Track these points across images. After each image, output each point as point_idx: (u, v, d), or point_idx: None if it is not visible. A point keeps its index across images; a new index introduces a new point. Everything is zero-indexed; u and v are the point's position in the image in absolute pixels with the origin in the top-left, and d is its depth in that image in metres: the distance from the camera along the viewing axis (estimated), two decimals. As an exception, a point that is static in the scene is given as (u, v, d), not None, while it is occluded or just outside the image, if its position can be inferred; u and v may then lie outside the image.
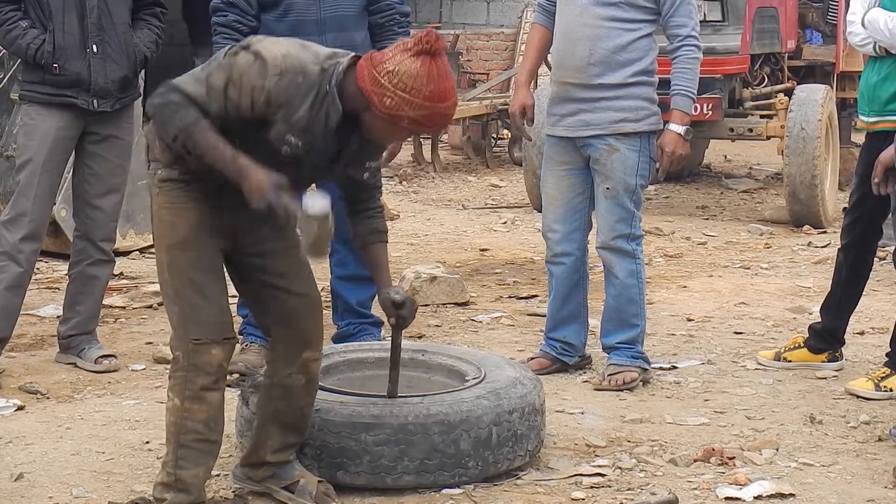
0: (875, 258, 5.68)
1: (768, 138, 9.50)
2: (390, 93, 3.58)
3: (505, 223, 9.38)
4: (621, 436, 4.75)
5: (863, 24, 5.40)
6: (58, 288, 6.79)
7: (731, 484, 4.26)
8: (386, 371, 4.23)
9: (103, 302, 5.82)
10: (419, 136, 11.70)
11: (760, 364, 5.72)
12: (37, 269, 6.41)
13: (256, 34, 5.32)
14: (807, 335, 5.72)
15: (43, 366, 5.56)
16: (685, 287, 7.32)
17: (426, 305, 6.67)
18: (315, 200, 3.56)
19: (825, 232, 8.95)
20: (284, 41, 3.74)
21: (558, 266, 5.51)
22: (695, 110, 6.26)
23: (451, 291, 6.82)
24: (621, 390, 5.29)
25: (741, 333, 6.28)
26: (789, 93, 9.56)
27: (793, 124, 8.99)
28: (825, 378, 5.53)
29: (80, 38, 5.36)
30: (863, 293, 5.68)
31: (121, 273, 7.15)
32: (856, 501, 4.19)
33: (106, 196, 5.53)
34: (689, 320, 6.53)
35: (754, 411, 5.07)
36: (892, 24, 5.26)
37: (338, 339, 5.66)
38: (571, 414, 4.99)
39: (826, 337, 5.67)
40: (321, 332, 4.05)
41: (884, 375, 5.28)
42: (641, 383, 5.37)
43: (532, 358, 5.57)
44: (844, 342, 5.74)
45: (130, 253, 7.72)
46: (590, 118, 5.30)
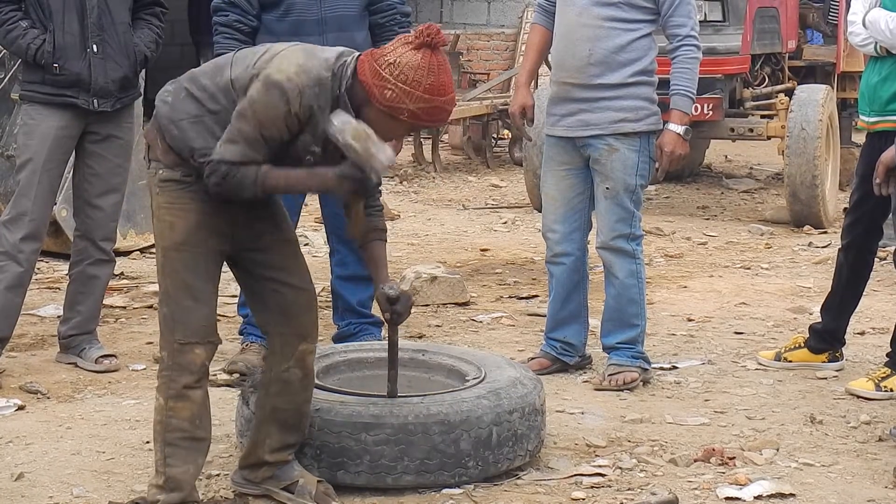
0: (875, 258, 5.68)
1: (769, 138, 9.50)
2: (391, 84, 3.60)
3: (505, 223, 9.38)
4: (621, 436, 4.75)
5: (864, 25, 5.40)
6: (58, 288, 6.79)
7: (732, 484, 4.27)
8: (386, 370, 4.23)
9: (104, 302, 5.82)
10: (419, 136, 11.69)
11: (761, 364, 5.72)
12: (37, 269, 6.41)
13: (257, 34, 5.36)
14: (807, 335, 5.72)
15: (43, 366, 5.56)
16: (685, 287, 7.32)
17: (426, 305, 6.67)
18: (338, 119, 3.65)
19: (826, 232, 8.95)
20: (288, 52, 3.73)
21: (558, 266, 5.51)
22: (695, 110, 6.28)
23: (452, 291, 6.82)
24: (622, 390, 5.29)
25: (742, 333, 6.28)
26: (790, 93, 9.55)
27: (793, 124, 8.98)
28: (825, 378, 5.53)
29: (81, 38, 5.36)
30: (863, 293, 5.68)
31: (121, 273, 7.15)
32: (856, 501, 4.19)
33: (106, 196, 5.53)
34: (690, 320, 6.53)
35: (755, 411, 5.07)
36: (893, 24, 5.26)
37: (338, 339, 5.66)
38: (572, 414, 4.99)
39: (826, 337, 5.67)
40: (317, 327, 4.08)
41: (884, 376, 5.28)
42: (642, 383, 5.37)
43: (532, 358, 5.57)
44: (845, 342, 5.74)
45: (131, 253, 7.72)
46: (590, 118, 5.30)
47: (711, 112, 9.12)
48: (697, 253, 8.38)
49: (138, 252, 7.80)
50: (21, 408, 4.97)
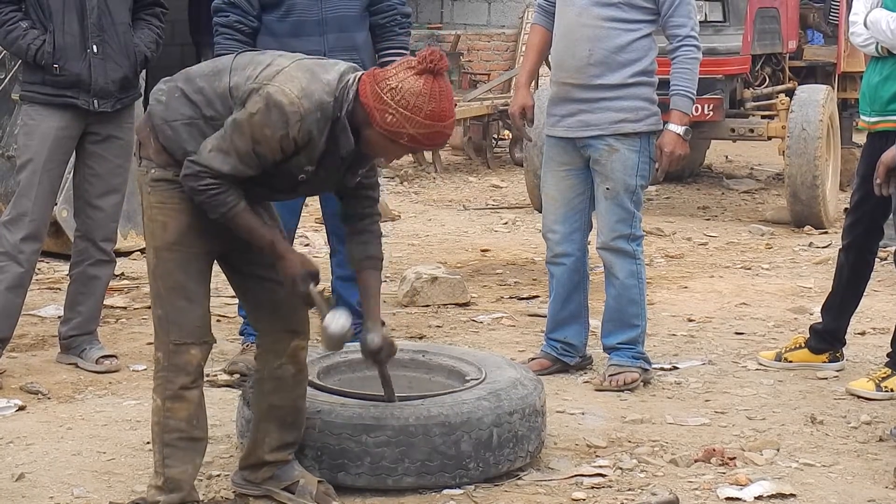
0: (876, 259, 5.68)
1: (769, 139, 9.49)
2: (392, 109, 3.61)
3: (506, 224, 9.38)
4: (622, 436, 4.75)
5: (865, 25, 5.40)
6: (59, 288, 6.79)
7: (732, 484, 4.27)
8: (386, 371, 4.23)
9: (104, 302, 5.82)
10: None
11: (761, 364, 5.72)
12: (38, 270, 6.41)
13: (258, 34, 5.36)
14: (808, 335, 5.72)
15: (44, 366, 5.56)
16: (686, 287, 7.32)
17: (427, 306, 6.67)
18: (336, 319, 3.85)
19: (826, 232, 8.94)
20: (291, 70, 3.72)
21: (558, 267, 5.51)
22: (696, 111, 6.27)
23: (452, 292, 6.82)
24: (622, 391, 5.29)
25: (742, 334, 6.28)
26: (790, 93, 9.54)
27: (794, 125, 8.98)
28: (826, 378, 5.53)
29: (81, 39, 5.36)
30: (864, 294, 5.68)
31: (122, 273, 7.15)
32: (856, 502, 4.19)
33: (106, 196, 5.53)
34: (690, 321, 6.53)
35: (755, 412, 5.07)
36: (894, 25, 5.26)
37: (338, 340, 5.64)
38: (572, 414, 4.99)
39: (827, 337, 5.67)
40: (308, 322, 4.09)
41: (885, 376, 5.29)
42: (642, 384, 5.37)
43: (533, 358, 5.57)
44: (845, 342, 5.74)
45: (131, 253, 7.71)
46: (590, 119, 5.30)
47: (712, 112, 9.11)
48: (698, 253, 8.37)
49: (139, 252, 7.78)
50: (22, 408, 4.97)
